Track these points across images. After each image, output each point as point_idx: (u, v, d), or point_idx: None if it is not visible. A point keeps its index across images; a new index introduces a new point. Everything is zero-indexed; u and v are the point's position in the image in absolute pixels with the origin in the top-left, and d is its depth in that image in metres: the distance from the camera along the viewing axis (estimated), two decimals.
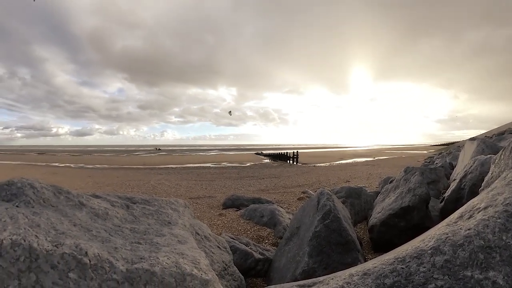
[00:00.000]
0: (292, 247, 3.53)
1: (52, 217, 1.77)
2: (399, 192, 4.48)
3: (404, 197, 4.22)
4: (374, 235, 4.33)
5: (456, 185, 4.21)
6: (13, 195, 1.88)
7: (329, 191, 3.79)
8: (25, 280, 1.24)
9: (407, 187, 4.36)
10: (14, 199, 1.86)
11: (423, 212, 3.96)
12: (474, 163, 4.21)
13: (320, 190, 3.83)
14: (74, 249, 1.41)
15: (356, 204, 6.02)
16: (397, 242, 3.40)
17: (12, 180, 2.00)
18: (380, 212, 4.46)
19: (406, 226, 3.96)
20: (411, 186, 4.28)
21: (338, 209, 3.39)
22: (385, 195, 5.10)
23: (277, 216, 6.14)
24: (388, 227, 4.11)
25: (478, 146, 6.29)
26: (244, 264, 3.63)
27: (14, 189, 1.91)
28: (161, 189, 13.63)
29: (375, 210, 4.87)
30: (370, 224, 4.52)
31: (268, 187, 13.01)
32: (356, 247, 3.16)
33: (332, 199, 3.52)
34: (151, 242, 1.83)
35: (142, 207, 2.42)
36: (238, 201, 8.68)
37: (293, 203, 8.76)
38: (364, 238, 4.79)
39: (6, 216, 1.54)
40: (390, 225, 4.09)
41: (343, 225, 3.21)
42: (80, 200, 2.13)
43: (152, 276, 1.45)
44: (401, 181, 4.83)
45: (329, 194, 3.64)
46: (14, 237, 1.34)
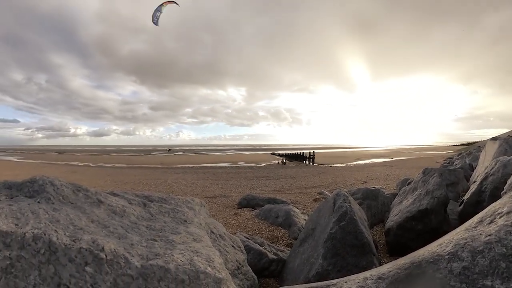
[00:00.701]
0: (306, 248, 3.49)
1: (71, 213, 1.84)
2: (417, 194, 4.35)
3: (422, 199, 4.09)
4: (390, 238, 4.21)
5: (476, 188, 4.03)
6: (35, 191, 1.99)
7: (345, 192, 3.72)
8: (44, 271, 1.31)
9: (425, 189, 4.24)
10: (35, 195, 1.96)
11: (441, 216, 3.84)
12: (496, 165, 4.04)
13: (336, 191, 3.78)
14: (91, 244, 1.46)
15: (373, 206, 5.89)
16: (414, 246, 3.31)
17: (34, 177, 2.12)
18: (397, 215, 4.34)
19: (423, 230, 3.83)
20: (429, 188, 4.15)
21: (354, 210, 3.32)
22: (403, 197, 4.97)
23: (292, 217, 6.10)
24: (404, 231, 3.99)
25: (500, 146, 6.05)
26: (258, 264, 3.62)
27: (36, 186, 2.03)
28: (178, 188, 13.78)
29: (392, 213, 4.74)
30: (387, 226, 4.40)
31: (284, 188, 12.96)
32: (372, 250, 3.09)
33: (348, 200, 3.46)
34: (167, 239, 1.86)
35: (158, 205, 2.46)
36: (253, 201, 8.68)
37: (309, 204, 8.68)
38: (380, 241, 4.67)
39: (29, 211, 1.63)
40: (407, 228, 3.97)
41: (359, 227, 3.14)
42: (98, 197, 2.20)
43: (166, 272, 1.47)
44: (419, 182, 4.69)
45: (345, 195, 3.57)
46: (35, 231, 1.40)
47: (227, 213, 7.81)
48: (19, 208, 1.64)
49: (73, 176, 19.25)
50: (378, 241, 4.62)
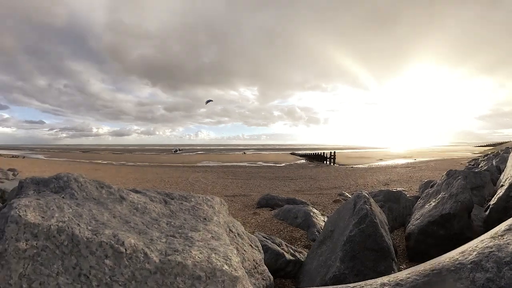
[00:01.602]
0: (324, 250, 3.43)
1: (94, 208, 1.92)
2: (440, 198, 4.18)
3: (445, 203, 3.92)
4: (410, 243, 4.06)
5: (504, 192, 3.82)
6: (60, 187, 2.10)
7: (366, 194, 3.64)
8: (67, 262, 1.39)
9: (448, 193, 4.06)
10: (60, 191, 2.06)
11: (465, 221, 3.65)
12: None
13: (357, 192, 3.71)
14: (112, 238, 1.51)
15: (394, 209, 5.72)
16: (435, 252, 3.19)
17: (60, 174, 2.24)
18: (419, 219, 4.18)
19: (445, 235, 3.67)
20: (453, 191, 3.97)
21: (375, 213, 3.24)
22: (425, 201, 4.78)
23: (311, 218, 6.04)
24: (426, 236, 3.84)
25: None
26: (275, 264, 3.59)
27: (61, 182, 2.14)
28: (198, 186, 13.95)
29: (413, 216, 4.57)
30: (408, 231, 4.24)
31: (303, 188, 12.87)
32: (391, 255, 2.99)
33: (369, 202, 3.37)
34: (186, 236, 1.88)
35: (179, 203, 2.49)
36: (272, 200, 8.65)
37: (329, 205, 8.58)
38: (400, 246, 4.52)
39: (54, 206, 1.71)
40: (428, 233, 3.82)
41: (379, 230, 3.06)
42: (121, 194, 2.27)
43: (183, 268, 1.50)
44: (443, 185, 4.50)
45: (366, 197, 3.49)
46: (60, 224, 1.48)
47: (246, 212, 7.84)
48: (45, 202, 1.72)
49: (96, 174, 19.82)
50: (398, 246, 4.48)
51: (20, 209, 1.50)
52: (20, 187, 2.21)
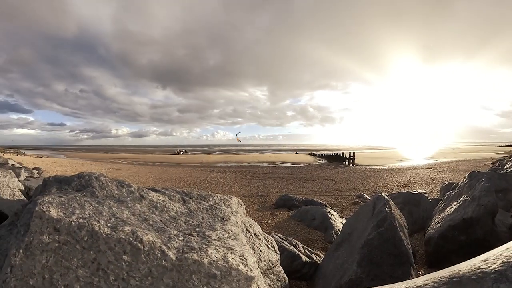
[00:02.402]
0: (341, 253, 3.36)
1: (114, 206, 1.98)
2: (462, 201, 3.98)
3: (466, 206, 3.72)
4: (430, 248, 3.86)
5: None
6: (81, 186, 2.22)
7: (386, 196, 3.54)
8: (86, 256, 1.45)
9: (471, 195, 3.85)
10: (82, 189, 2.17)
11: (488, 227, 3.46)
12: None
13: (376, 194, 3.63)
14: (130, 235, 1.55)
15: (414, 212, 5.56)
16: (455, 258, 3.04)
17: (82, 173, 2.37)
18: (439, 223, 4.00)
19: (466, 241, 3.50)
20: (475, 194, 3.76)
21: (394, 216, 3.14)
22: (446, 204, 4.58)
23: (329, 220, 5.98)
24: (446, 241, 3.65)
25: None
26: (290, 266, 3.56)
27: (83, 181, 2.27)
28: (216, 186, 14.03)
29: (433, 220, 4.39)
30: (427, 235, 4.05)
31: (322, 189, 12.74)
32: (409, 260, 2.89)
33: (389, 205, 3.28)
34: (203, 235, 1.90)
35: (197, 202, 2.52)
36: (290, 201, 8.60)
37: (347, 207, 8.46)
38: (419, 250, 4.37)
39: (76, 203, 1.79)
40: (449, 238, 3.63)
41: (398, 234, 2.96)
42: (141, 193, 2.34)
43: (199, 267, 1.52)
44: (465, 188, 4.29)
45: (386, 199, 3.40)
46: (80, 220, 1.55)
47: (263, 212, 7.83)
48: (67, 199, 1.80)
49: (117, 173, 20.24)
50: (417, 251, 4.33)
51: (44, 205, 1.58)
52: (44, 185, 2.36)
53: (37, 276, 1.37)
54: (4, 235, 1.99)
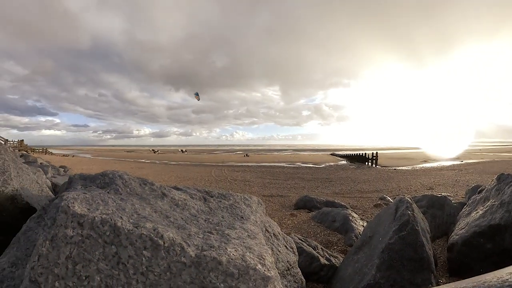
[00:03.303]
0: (361, 257, 3.26)
1: (136, 203, 2.03)
2: (489, 206, 3.68)
3: (494, 212, 3.44)
4: (453, 255, 3.61)
5: None
6: (105, 183, 2.30)
7: (409, 198, 3.42)
8: (107, 250, 1.51)
9: (499, 200, 3.56)
10: (106, 187, 2.25)
11: None
12: None
13: (399, 197, 3.51)
14: (151, 231, 1.59)
15: (437, 216, 5.31)
16: (479, 268, 2.90)
17: (106, 171, 2.46)
18: (464, 229, 3.74)
19: (493, 250, 3.22)
20: (504, 198, 3.47)
21: (417, 220, 3.01)
22: (472, 208, 4.29)
23: (350, 222, 5.87)
24: (470, 248, 3.40)
25: None
26: (308, 268, 3.52)
27: (107, 179, 2.35)
28: (237, 185, 14.11)
29: (457, 225, 4.10)
30: (450, 241, 3.77)
31: (343, 191, 12.55)
32: (430, 267, 2.76)
33: (412, 208, 3.16)
34: (223, 233, 1.92)
35: (218, 201, 2.55)
36: (310, 202, 8.51)
37: (369, 209, 8.26)
38: (441, 257, 4.14)
39: (99, 199, 1.85)
40: (474, 245, 3.37)
41: (420, 239, 2.84)
42: (163, 191, 2.40)
43: (217, 264, 1.53)
44: (493, 191, 3.98)
45: (409, 202, 3.28)
46: (103, 216, 1.60)
47: (283, 213, 7.81)
48: (91, 196, 1.86)
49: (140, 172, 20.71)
50: (439, 257, 4.12)
51: (69, 201, 1.65)
52: (70, 182, 2.47)
53: (61, 266, 1.45)
54: (33, 227, 2.10)
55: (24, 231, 2.11)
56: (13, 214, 2.71)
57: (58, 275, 1.44)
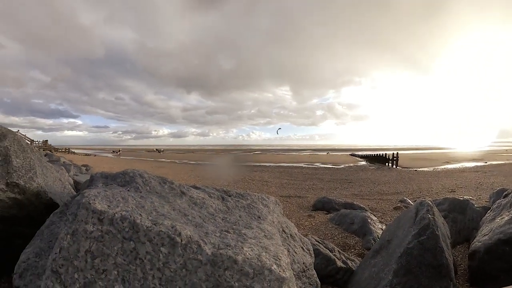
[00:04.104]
0: (378, 261, 3.15)
1: (156, 201, 2.07)
2: None
3: None
4: (474, 263, 3.38)
5: None
6: (126, 182, 2.36)
7: (430, 201, 3.28)
8: (126, 245, 1.56)
9: None
10: (126, 185, 2.31)
11: None
12: None
13: (420, 200, 3.39)
14: (169, 228, 1.62)
15: (459, 221, 5.07)
16: (504, 279, 2.78)
17: (126, 170, 2.52)
18: (487, 235, 3.50)
19: None
20: None
21: (437, 224, 2.88)
22: (496, 213, 4.05)
23: (369, 225, 5.75)
24: (494, 257, 3.15)
25: None
26: (324, 270, 3.46)
27: (127, 177, 2.40)
28: (255, 185, 14.13)
29: (480, 231, 3.85)
30: (472, 248, 3.52)
31: (362, 192, 12.35)
32: (449, 274, 2.62)
33: (432, 211, 3.03)
34: (239, 232, 1.93)
35: (236, 200, 2.56)
36: (329, 204, 8.40)
37: (388, 212, 8.06)
38: (461, 264, 3.92)
39: (120, 197, 1.90)
40: (498, 254, 3.13)
41: (440, 244, 2.70)
42: (182, 189, 2.43)
43: (233, 263, 1.54)
44: None
45: (429, 205, 3.14)
46: (123, 213, 1.65)
47: (300, 214, 7.76)
48: (112, 193, 1.92)
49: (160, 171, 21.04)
50: (459, 265, 3.90)
51: (90, 198, 1.71)
52: (91, 180, 2.54)
53: (81, 258, 1.52)
54: (56, 221, 2.18)
55: (47, 224, 2.19)
56: (37, 209, 2.83)
57: (77, 267, 1.51)
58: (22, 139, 3.11)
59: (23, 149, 2.94)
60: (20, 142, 2.98)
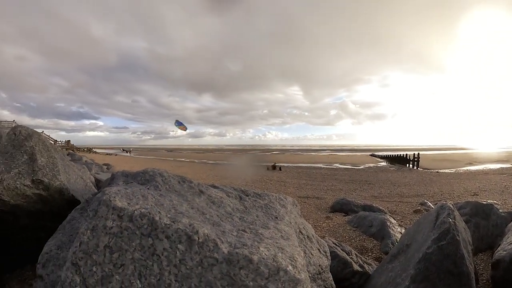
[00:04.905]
0: (395, 266, 3.03)
1: (175, 200, 2.11)
2: None
3: None
4: (498, 273, 3.10)
5: None
6: (146, 180, 2.42)
7: (451, 205, 3.10)
8: (144, 242, 1.60)
9: None
10: (146, 183, 2.37)
11: None
12: None
13: (440, 203, 3.21)
14: (187, 226, 1.65)
15: (482, 226, 4.75)
16: None
17: (146, 169, 2.58)
18: None
19: None
20: None
21: (458, 229, 2.72)
22: None
23: (387, 228, 5.61)
24: None
25: None
26: (340, 273, 3.38)
27: (147, 176, 2.47)
28: (272, 185, 14.12)
29: (506, 239, 3.56)
30: (496, 257, 3.22)
31: (382, 194, 12.13)
32: (470, 283, 2.45)
33: (453, 215, 2.86)
34: (256, 232, 1.93)
35: (253, 200, 2.57)
36: (347, 205, 8.29)
37: (408, 215, 7.85)
38: (483, 274, 3.68)
39: (140, 195, 1.94)
40: None
41: (461, 251, 2.54)
42: (200, 188, 2.47)
43: (248, 263, 1.54)
44: None
45: (451, 209, 2.97)
46: (142, 210, 1.69)
47: (318, 215, 7.70)
48: (132, 191, 1.96)
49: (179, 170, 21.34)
50: (481, 274, 3.67)
51: (111, 195, 1.76)
52: (112, 178, 2.64)
53: (100, 253, 1.58)
54: (77, 217, 2.28)
55: (69, 219, 2.29)
56: (60, 205, 3.01)
57: (96, 261, 1.57)
58: (47, 140, 3.35)
59: (47, 149, 3.16)
60: (44, 142, 3.20)
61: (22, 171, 2.85)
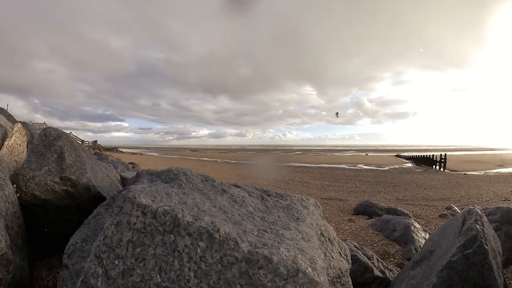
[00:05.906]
0: (418, 273, 2.87)
1: (198, 198, 2.15)
2: None
3: None
4: None
5: None
6: (170, 179, 2.49)
7: (479, 210, 2.94)
8: (166, 238, 1.64)
9: None
10: (170, 181, 2.43)
11: None
12: None
13: (467, 208, 3.06)
14: (209, 224, 1.67)
15: None
16: None
17: (171, 168, 2.66)
18: None
19: None
20: None
21: (487, 237, 2.54)
22: None
23: (411, 233, 5.44)
24: None
25: None
26: (360, 278, 3.32)
27: (171, 174, 2.54)
28: (294, 186, 14.06)
29: None
30: None
31: (407, 197, 11.81)
32: None
33: (481, 222, 2.68)
34: (277, 232, 1.93)
35: (275, 200, 2.57)
36: (371, 208, 8.12)
37: (433, 220, 7.58)
38: None
39: (163, 193, 2.00)
40: None
41: (489, 261, 2.37)
42: (223, 187, 2.50)
43: (268, 263, 1.55)
44: None
45: (478, 214, 2.80)
46: (166, 207, 1.73)
47: (341, 217, 7.60)
48: (156, 189, 2.01)
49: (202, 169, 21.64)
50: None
51: (136, 193, 1.82)
52: (137, 177, 2.73)
53: (122, 247, 1.64)
54: (102, 212, 2.38)
55: (94, 215, 2.40)
56: (86, 201, 3.22)
57: (118, 254, 1.63)
58: (74, 140, 3.62)
59: (75, 148, 3.42)
60: (72, 142, 3.47)
61: (52, 169, 3.11)
